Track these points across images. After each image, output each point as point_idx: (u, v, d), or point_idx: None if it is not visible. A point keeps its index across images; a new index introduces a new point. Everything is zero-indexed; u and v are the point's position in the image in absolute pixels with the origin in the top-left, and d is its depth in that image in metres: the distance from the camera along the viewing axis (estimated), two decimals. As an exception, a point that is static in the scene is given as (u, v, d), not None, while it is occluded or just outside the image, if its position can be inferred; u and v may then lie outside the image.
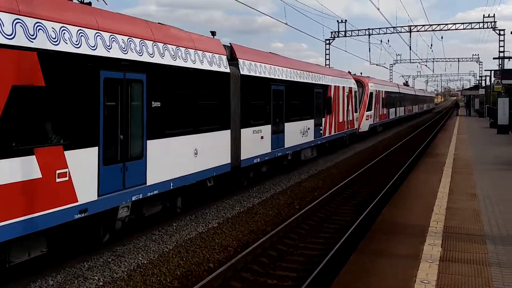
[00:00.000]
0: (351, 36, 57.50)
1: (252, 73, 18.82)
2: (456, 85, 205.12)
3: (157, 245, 11.96)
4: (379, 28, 58.56)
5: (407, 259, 9.02)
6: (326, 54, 57.06)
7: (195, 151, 14.40)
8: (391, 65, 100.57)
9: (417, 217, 12.25)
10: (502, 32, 55.90)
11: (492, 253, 9.32)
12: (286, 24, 36.77)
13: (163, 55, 12.98)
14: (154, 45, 12.65)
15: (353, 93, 35.18)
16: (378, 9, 43.90)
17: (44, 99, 9.19)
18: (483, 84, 75.56)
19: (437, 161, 22.43)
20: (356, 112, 36.17)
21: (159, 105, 12.59)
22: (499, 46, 55.71)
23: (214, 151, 15.55)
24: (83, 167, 10.06)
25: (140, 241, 12.14)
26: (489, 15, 54.52)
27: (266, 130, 19.84)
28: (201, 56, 15.04)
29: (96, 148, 10.47)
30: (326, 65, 54.94)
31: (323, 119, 27.58)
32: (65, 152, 9.58)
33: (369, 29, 58.50)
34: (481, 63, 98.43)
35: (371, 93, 42.97)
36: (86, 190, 10.09)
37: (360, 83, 40.74)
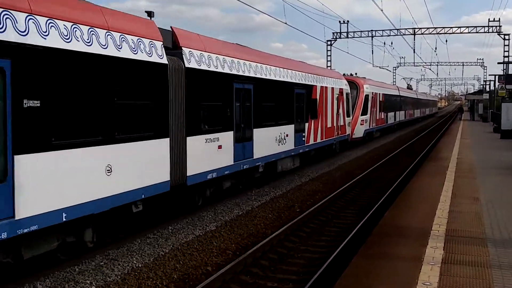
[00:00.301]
0: (354, 37, 56.95)
1: (204, 67, 14.94)
2: (460, 89, 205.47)
3: (152, 248, 11.72)
4: (383, 30, 58.15)
5: (409, 262, 9.03)
6: (327, 56, 56.79)
7: (108, 168, 10.85)
8: (394, 68, 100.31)
9: (420, 220, 12.26)
10: (507, 37, 55.76)
11: (493, 255, 9.38)
12: (285, 23, 36.49)
13: (45, 33, 9.31)
14: (31, 18, 9.06)
15: (344, 95, 31.83)
16: (382, 10, 43.64)
17: None
18: (487, 89, 75.40)
19: (440, 165, 22.45)
20: (348, 116, 32.94)
21: (39, 104, 9.04)
22: (504, 51, 55.54)
23: (142, 167, 12.01)
24: None
25: (134, 245, 11.88)
26: (494, 19, 54.36)
27: (226, 138, 16.28)
28: (119, 39, 11.38)
29: None
30: (327, 66, 54.47)
31: (306, 124, 24.26)
32: None
33: (372, 30, 58.02)
34: (485, 68, 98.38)
35: (367, 96, 39.80)
36: None
37: (354, 84, 37.83)
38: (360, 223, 14.15)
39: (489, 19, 65.05)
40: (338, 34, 56.67)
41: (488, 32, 55.47)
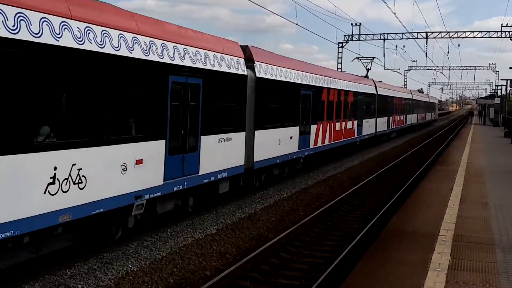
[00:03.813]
0: (366, 40, 56.61)
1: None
2: (472, 93, 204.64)
3: (149, 252, 11.36)
4: (395, 33, 57.76)
5: (415, 268, 9.06)
6: (338, 58, 56.38)
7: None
8: (406, 71, 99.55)
9: (427, 225, 12.29)
10: (518, 42, 55.22)
11: (501, 261, 9.37)
12: (297, 24, 35.67)
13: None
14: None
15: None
16: (395, 14, 43.27)
17: None
18: (499, 94, 74.84)
19: (449, 169, 22.42)
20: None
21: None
22: (516, 56, 55.01)
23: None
24: None
25: (130, 248, 11.50)
26: (507, 24, 53.60)
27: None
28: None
29: None
30: (338, 68, 53.95)
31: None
32: None
33: (384, 33, 57.70)
34: (497, 72, 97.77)
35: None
36: None
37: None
38: (365, 228, 13.86)
39: (502, 24, 64.46)
40: (350, 36, 56.26)
41: (501, 37, 54.94)
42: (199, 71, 13.90)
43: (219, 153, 15.15)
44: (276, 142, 19.28)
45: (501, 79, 72.23)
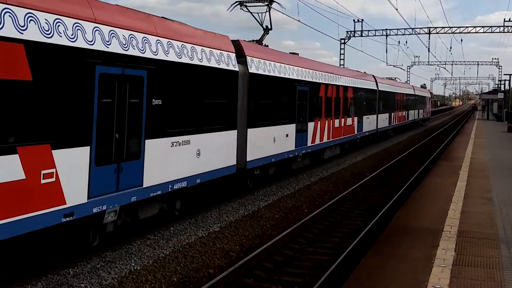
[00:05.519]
0: (368, 36, 56.45)
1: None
2: (475, 88, 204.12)
3: (152, 250, 11.32)
4: (397, 29, 57.66)
5: (419, 264, 8.98)
6: (340, 54, 56.22)
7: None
8: (408, 67, 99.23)
9: (431, 220, 12.18)
10: (522, 37, 55.05)
11: (506, 257, 9.30)
12: (299, 21, 35.60)
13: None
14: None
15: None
16: (397, 9, 43.15)
17: None
18: (502, 88, 74.59)
19: (453, 164, 22.29)
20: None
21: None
22: (519, 51, 54.81)
23: None
24: None
25: (133, 246, 11.46)
26: (510, 19, 53.45)
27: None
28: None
29: None
30: (340, 65, 53.75)
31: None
32: None
33: (386, 29, 57.66)
34: (500, 67, 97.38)
35: None
36: None
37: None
38: (369, 225, 13.81)
39: (504, 19, 64.31)
40: (352, 32, 56.14)
41: (504, 32, 54.77)
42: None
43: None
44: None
45: (504, 74, 72.30)
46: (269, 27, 20.75)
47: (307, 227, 14.00)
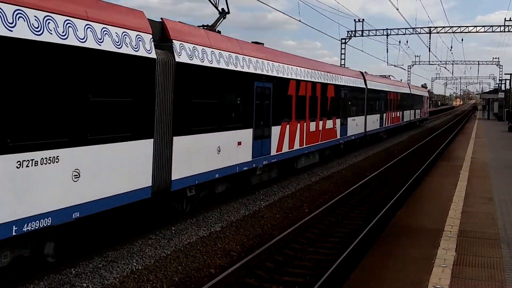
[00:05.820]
0: (369, 36, 56.48)
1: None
2: (476, 88, 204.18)
3: (153, 250, 11.36)
4: (398, 29, 57.66)
5: (420, 263, 8.96)
6: (341, 54, 56.22)
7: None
8: (409, 67, 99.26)
9: (432, 220, 12.16)
10: (523, 36, 55.08)
11: (506, 257, 9.28)
12: (299, 21, 35.58)
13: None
14: None
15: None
16: (397, 9, 43.14)
17: None
18: (503, 88, 74.59)
19: (454, 164, 22.25)
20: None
21: None
22: (520, 50, 54.85)
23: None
24: None
25: (135, 246, 11.52)
26: (510, 18, 53.38)
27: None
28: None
29: None
30: (341, 65, 53.68)
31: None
32: None
33: (387, 29, 57.60)
34: (501, 67, 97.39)
35: None
36: None
37: None
38: (370, 225, 13.82)
39: (505, 18, 64.31)
40: (353, 32, 56.12)
41: (504, 32, 54.75)
42: None
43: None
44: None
45: (505, 73, 72.22)
46: (226, 10, 17.43)
47: (307, 227, 14.02)
